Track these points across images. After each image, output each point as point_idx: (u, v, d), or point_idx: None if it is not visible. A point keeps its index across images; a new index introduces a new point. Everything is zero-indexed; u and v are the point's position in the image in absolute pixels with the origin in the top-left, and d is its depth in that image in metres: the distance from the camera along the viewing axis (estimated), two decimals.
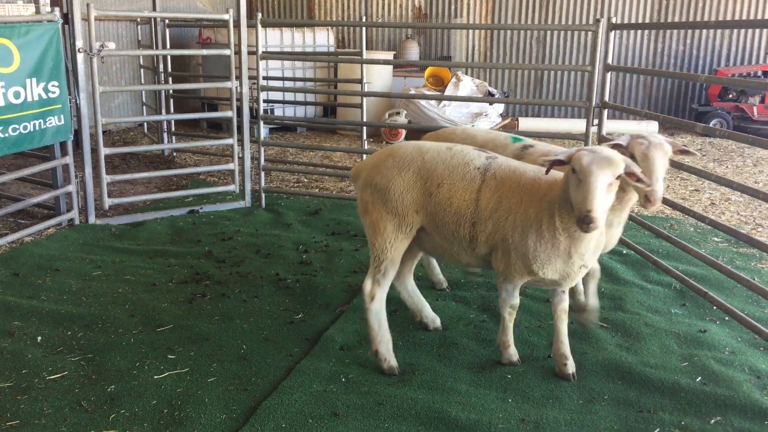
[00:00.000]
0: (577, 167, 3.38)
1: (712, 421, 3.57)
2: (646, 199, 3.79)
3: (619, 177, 3.42)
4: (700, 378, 3.97)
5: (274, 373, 3.99)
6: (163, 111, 10.03)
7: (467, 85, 13.04)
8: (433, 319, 4.60)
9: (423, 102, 12.39)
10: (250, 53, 7.49)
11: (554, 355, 4.08)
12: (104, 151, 6.69)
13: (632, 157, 3.83)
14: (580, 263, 3.69)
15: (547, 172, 3.68)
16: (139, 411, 3.61)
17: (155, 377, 3.95)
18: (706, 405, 3.70)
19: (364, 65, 9.26)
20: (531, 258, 3.69)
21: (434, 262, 5.35)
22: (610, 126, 13.41)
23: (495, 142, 4.76)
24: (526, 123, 13.54)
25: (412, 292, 4.59)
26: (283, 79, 11.61)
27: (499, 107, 13.27)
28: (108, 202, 6.77)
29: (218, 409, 3.62)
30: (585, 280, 4.50)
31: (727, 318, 4.73)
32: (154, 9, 9.86)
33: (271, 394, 3.73)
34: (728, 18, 13.92)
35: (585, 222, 3.28)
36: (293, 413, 3.55)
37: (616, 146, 3.83)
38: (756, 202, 8.04)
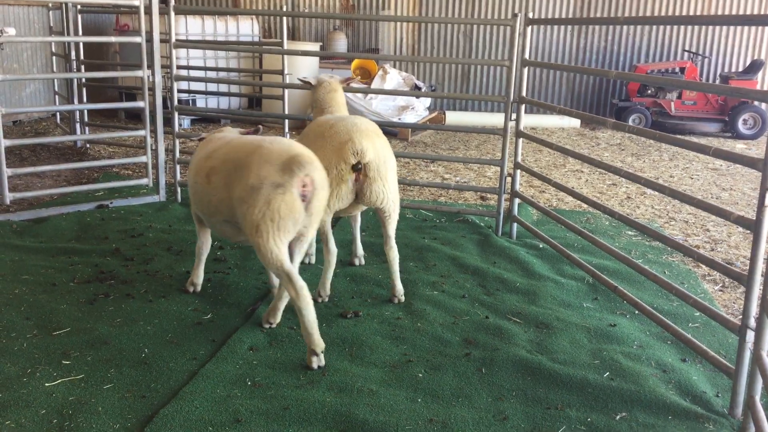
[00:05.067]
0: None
1: (618, 417, 3.60)
2: None
3: None
4: (608, 373, 4.00)
5: (175, 379, 3.81)
6: (75, 100, 9.58)
7: (394, 78, 12.99)
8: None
9: (349, 95, 12.27)
10: (163, 41, 7.21)
11: None
12: (4, 142, 6.31)
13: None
14: None
15: None
16: (26, 422, 3.38)
17: (46, 385, 3.71)
18: (613, 401, 3.73)
19: (288, 56, 9.08)
20: None
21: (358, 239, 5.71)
22: (534, 120, 13.65)
23: None
24: (452, 117, 13.61)
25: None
26: (205, 69, 11.29)
27: (426, 101, 13.28)
28: (9, 197, 6.39)
29: (112, 418, 3.42)
30: None
31: (636, 312, 4.79)
32: None
33: (170, 401, 3.55)
34: (647, 14, 14.31)
35: None
36: (192, 421, 3.39)
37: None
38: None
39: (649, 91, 13.55)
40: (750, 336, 3.44)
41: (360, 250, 5.71)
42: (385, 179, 4.57)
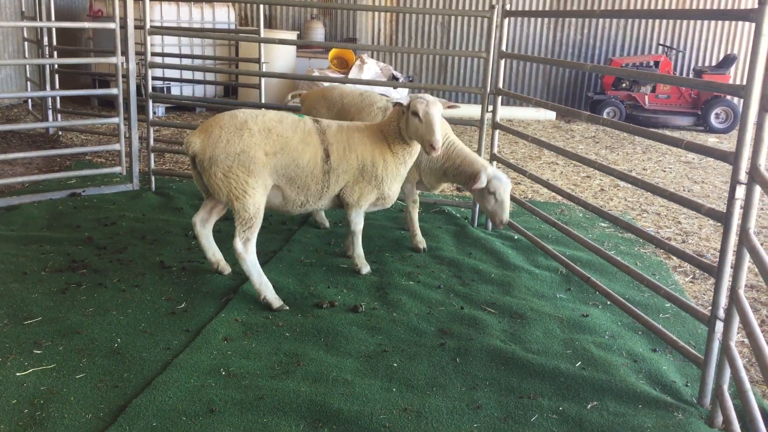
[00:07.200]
0: (420, 112, 4.59)
1: (589, 405, 3.64)
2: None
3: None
4: (579, 363, 4.05)
5: (148, 369, 3.78)
6: (48, 87, 9.43)
7: (372, 68, 12.96)
8: (225, 265, 5.14)
9: (326, 84, 12.22)
10: (138, 28, 7.11)
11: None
12: None
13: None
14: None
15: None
16: None
17: (17, 374, 3.66)
18: (584, 390, 3.77)
19: (265, 44, 9.01)
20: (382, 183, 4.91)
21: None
22: (510, 112, 13.71)
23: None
24: None
25: (210, 238, 5.07)
26: (180, 56, 11.17)
27: (404, 91, 13.26)
28: None
29: (84, 408, 3.39)
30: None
31: (608, 303, 4.85)
32: None
33: (143, 391, 3.53)
34: (623, 8, 14.42)
35: (434, 148, 4.57)
36: (166, 411, 3.37)
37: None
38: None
39: (624, 85, 13.68)
40: (719, 327, 3.51)
41: None
42: None
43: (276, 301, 4.64)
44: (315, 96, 6.06)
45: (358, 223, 5.07)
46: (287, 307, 4.62)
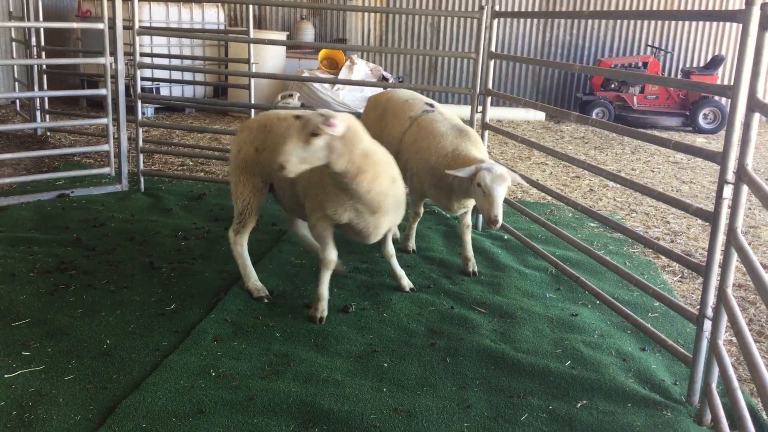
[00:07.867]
0: (483, 184, 4.47)
1: (579, 404, 3.66)
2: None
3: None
4: (569, 362, 4.06)
5: (138, 370, 3.77)
6: (36, 87, 9.37)
7: (362, 68, 12.97)
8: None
9: (316, 85, 12.21)
10: (126, 28, 7.08)
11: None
12: None
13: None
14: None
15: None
16: None
17: (6, 376, 3.64)
18: (574, 389, 3.79)
19: (254, 45, 8.98)
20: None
21: None
22: (500, 113, 13.74)
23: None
24: None
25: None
26: (169, 56, 11.13)
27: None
28: None
29: (73, 410, 3.37)
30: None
31: (598, 302, 4.87)
32: None
33: (132, 392, 3.52)
34: (611, 9, 14.50)
35: (493, 223, 4.47)
36: (155, 412, 3.36)
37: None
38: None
39: (613, 86, 13.74)
40: (707, 325, 3.53)
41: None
42: None
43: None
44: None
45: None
46: (266, 300, 4.70)
